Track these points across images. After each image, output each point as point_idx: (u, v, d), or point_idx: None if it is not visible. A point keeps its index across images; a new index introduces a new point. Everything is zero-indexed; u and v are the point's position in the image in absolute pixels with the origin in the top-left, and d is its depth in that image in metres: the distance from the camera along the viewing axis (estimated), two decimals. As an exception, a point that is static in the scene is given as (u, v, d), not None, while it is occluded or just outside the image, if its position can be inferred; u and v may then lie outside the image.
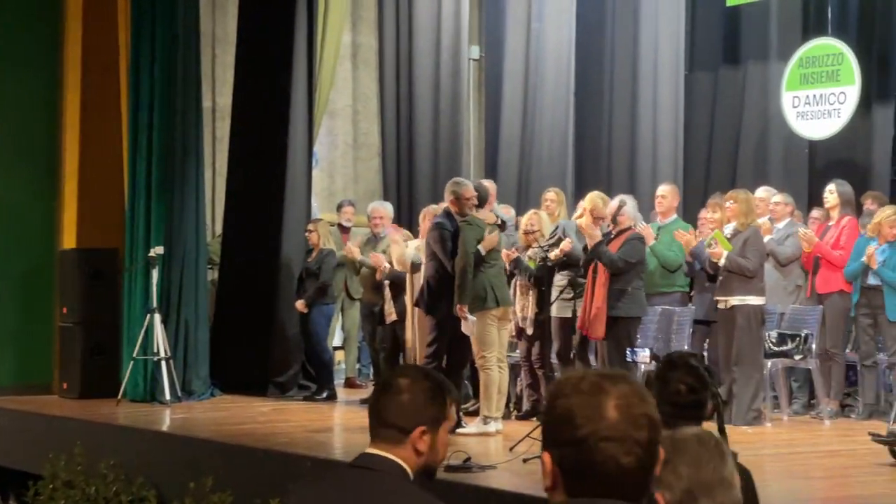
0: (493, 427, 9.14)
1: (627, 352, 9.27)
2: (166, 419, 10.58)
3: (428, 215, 10.48)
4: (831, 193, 10.35)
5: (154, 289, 11.32)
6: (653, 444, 2.19)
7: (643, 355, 9.16)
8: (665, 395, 3.79)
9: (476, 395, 10.44)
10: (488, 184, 11.00)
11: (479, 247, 9.22)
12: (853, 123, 13.47)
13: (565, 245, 9.61)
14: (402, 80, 14.38)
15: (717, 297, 9.70)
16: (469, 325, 9.19)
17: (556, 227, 10.05)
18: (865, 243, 9.96)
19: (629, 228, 9.48)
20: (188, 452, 9.12)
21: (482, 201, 9.72)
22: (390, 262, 11.00)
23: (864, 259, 9.84)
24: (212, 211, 13.66)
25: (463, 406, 9.70)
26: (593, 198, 9.87)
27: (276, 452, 8.43)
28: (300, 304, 11.69)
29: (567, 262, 9.70)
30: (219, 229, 13.28)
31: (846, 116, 13.29)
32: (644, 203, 12.06)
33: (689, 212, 12.21)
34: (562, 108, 14.85)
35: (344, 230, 12.87)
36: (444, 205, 9.75)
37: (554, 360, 10.06)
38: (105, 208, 12.20)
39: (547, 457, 2.21)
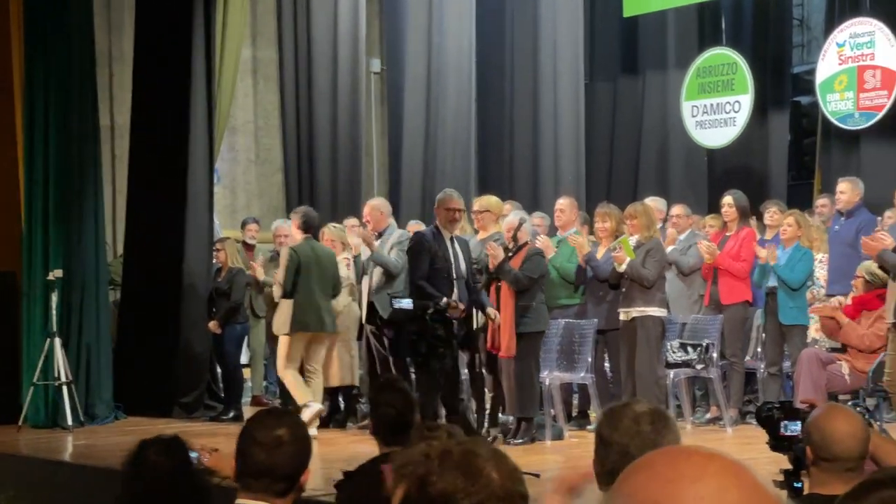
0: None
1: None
2: (69, 445, 10.42)
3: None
4: (730, 207, 10.49)
5: (53, 312, 11.14)
6: (526, 497, 2.19)
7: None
8: (377, 416, 4.17)
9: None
10: (380, 202, 11.01)
11: None
12: (749, 131, 13.73)
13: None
14: (303, 94, 14.33)
15: (620, 309, 9.80)
16: None
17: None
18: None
19: (526, 244, 9.51)
20: (91, 479, 8.98)
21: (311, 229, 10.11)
22: None
23: (763, 258, 9.98)
24: (112, 231, 13.49)
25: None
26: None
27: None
28: (213, 325, 11.61)
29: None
30: (120, 249, 13.12)
31: (741, 124, 13.55)
32: (547, 212, 12.14)
33: (593, 221, 12.31)
34: (464, 120, 14.92)
35: (248, 248, 12.80)
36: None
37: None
38: (1, 231, 11.98)
39: None
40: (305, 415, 9.31)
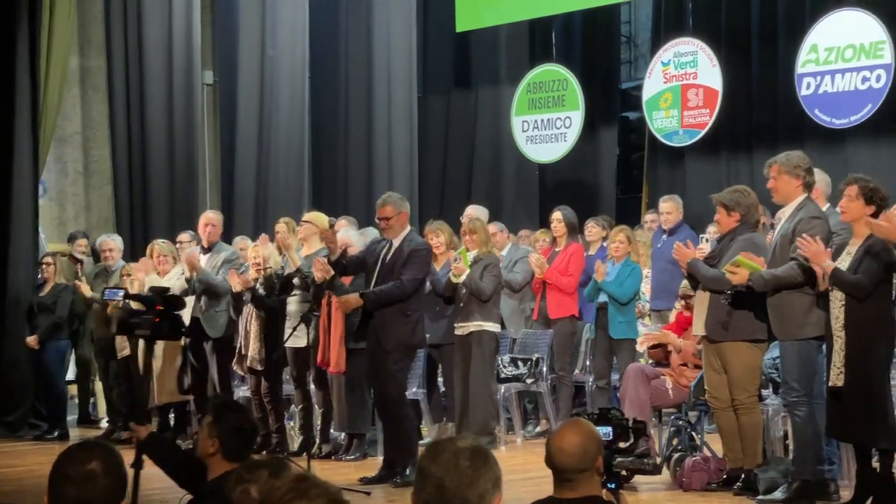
0: None
1: None
2: None
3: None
4: (559, 222, 10.65)
5: None
6: None
7: None
8: (227, 432, 4.54)
9: None
10: (219, 216, 10.86)
11: None
12: (580, 147, 13.98)
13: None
14: (134, 105, 14.09)
15: (457, 323, 9.87)
16: None
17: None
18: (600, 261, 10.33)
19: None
20: None
21: None
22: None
23: (594, 275, 10.17)
24: (-69, 245, 13.01)
25: None
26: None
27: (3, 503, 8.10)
28: (32, 340, 11.34)
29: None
30: (-60, 263, 12.68)
31: (572, 140, 13.79)
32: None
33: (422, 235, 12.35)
34: (297, 133, 14.87)
35: (76, 262, 12.50)
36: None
37: (291, 390, 10.03)
38: None
39: None
40: None
